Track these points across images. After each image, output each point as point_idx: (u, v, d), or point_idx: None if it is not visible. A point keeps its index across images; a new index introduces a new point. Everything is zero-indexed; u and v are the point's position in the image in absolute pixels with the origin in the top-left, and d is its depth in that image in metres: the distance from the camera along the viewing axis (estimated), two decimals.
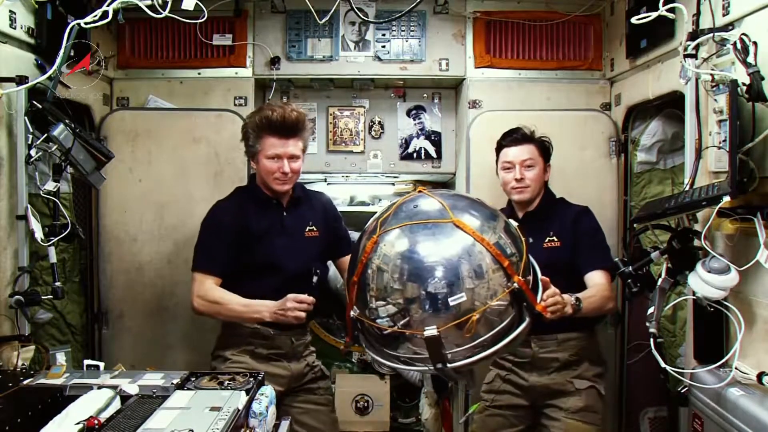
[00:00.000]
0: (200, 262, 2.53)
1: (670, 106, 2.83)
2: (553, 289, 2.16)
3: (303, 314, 2.43)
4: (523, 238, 2.08)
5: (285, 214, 2.61)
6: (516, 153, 2.68)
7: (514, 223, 2.13)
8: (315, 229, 2.66)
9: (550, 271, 2.51)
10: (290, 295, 2.42)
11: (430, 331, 1.87)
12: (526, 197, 2.68)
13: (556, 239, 2.60)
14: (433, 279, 1.89)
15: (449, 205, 1.98)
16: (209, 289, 2.48)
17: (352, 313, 2.02)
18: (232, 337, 2.57)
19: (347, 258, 2.68)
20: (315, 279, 2.60)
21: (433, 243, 1.93)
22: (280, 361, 2.57)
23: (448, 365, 1.92)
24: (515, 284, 1.90)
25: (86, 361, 2.09)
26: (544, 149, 2.71)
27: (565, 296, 2.30)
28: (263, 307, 2.45)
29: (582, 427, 2.51)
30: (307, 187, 2.88)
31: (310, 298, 2.44)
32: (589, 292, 2.45)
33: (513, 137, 2.71)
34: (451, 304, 1.87)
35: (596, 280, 2.49)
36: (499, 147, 2.76)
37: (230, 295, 2.48)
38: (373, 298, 1.96)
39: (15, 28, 2.25)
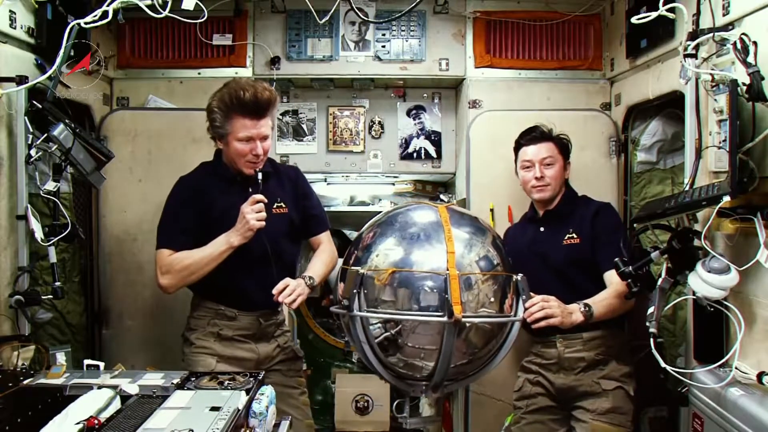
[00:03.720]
0: (161, 239, 2.45)
1: (670, 106, 2.82)
2: (539, 297, 2.28)
3: (263, 215, 2.34)
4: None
5: (250, 190, 2.45)
6: (535, 151, 2.68)
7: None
8: (283, 205, 2.55)
9: (571, 268, 2.54)
10: (243, 205, 2.35)
11: (359, 268, 2.14)
12: (546, 195, 2.68)
13: (575, 236, 2.60)
14: (392, 227, 2.27)
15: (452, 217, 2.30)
16: (172, 261, 2.39)
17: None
18: (198, 318, 2.52)
19: (321, 236, 2.69)
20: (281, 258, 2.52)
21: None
22: (246, 342, 2.50)
23: (354, 310, 2.12)
24: (448, 272, 2.03)
25: (86, 361, 2.10)
26: (563, 147, 2.71)
27: (572, 305, 2.33)
28: (228, 236, 2.37)
29: (609, 429, 2.48)
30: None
31: (260, 196, 2.35)
32: (601, 295, 2.45)
33: (531, 136, 2.71)
34: (382, 250, 2.17)
35: (613, 279, 2.45)
36: (518, 146, 2.76)
37: (192, 252, 2.39)
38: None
39: (15, 28, 2.25)
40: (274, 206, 2.51)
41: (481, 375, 2.41)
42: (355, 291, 2.12)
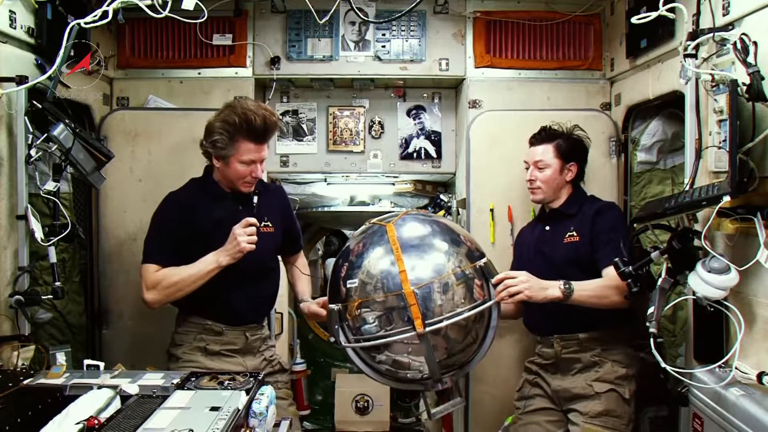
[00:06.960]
0: (147, 254, 2.46)
1: (670, 106, 2.82)
2: (503, 273, 2.34)
3: (254, 238, 2.37)
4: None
5: (240, 208, 2.51)
6: (531, 153, 2.73)
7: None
8: (270, 224, 2.60)
9: (570, 267, 2.55)
10: (235, 226, 2.37)
11: (334, 305, 2.28)
12: (537, 198, 2.73)
13: (575, 234, 2.61)
14: (352, 261, 2.30)
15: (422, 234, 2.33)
16: (159, 277, 2.40)
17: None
18: (183, 334, 2.54)
19: (296, 257, 2.82)
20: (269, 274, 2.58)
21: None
22: (233, 356, 2.52)
23: (342, 343, 2.29)
24: (403, 291, 2.14)
25: (86, 361, 2.10)
26: (568, 148, 2.69)
27: (552, 281, 2.37)
28: (217, 255, 2.39)
29: None
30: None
31: (253, 219, 2.39)
32: (591, 281, 2.43)
33: (536, 137, 2.75)
34: (347, 285, 2.27)
35: (610, 273, 2.42)
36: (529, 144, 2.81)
37: (180, 269, 2.41)
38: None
39: (15, 28, 2.25)
40: (262, 225, 2.55)
41: (476, 361, 2.41)
42: (336, 326, 2.29)
